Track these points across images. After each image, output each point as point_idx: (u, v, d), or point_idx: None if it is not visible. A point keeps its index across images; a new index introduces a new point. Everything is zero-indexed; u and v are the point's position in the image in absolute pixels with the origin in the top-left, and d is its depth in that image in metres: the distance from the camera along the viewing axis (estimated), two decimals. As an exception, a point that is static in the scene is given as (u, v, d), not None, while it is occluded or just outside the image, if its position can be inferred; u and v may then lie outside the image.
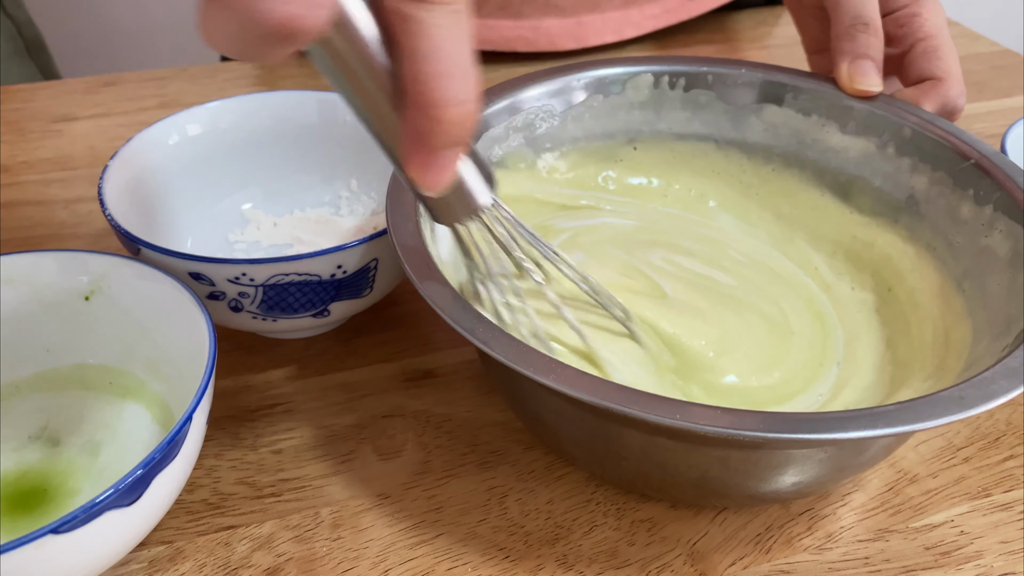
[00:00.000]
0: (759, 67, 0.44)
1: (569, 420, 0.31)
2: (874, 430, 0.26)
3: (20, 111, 0.61)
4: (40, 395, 0.37)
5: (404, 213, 0.34)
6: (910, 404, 0.27)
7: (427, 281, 0.31)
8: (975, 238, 0.37)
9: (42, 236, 0.50)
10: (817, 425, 0.26)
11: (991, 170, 0.37)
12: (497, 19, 0.66)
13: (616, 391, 0.27)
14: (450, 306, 0.30)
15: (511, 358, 0.28)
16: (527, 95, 0.42)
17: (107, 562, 0.29)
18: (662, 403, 0.26)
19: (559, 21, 0.67)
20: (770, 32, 0.75)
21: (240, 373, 0.41)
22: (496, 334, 0.29)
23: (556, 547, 0.34)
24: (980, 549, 0.34)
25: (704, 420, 0.26)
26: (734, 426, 0.26)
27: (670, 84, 0.44)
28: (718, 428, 0.26)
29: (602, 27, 0.68)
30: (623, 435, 0.30)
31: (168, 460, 0.28)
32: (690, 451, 0.30)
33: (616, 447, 0.31)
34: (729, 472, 0.30)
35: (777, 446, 0.29)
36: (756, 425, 0.26)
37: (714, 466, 0.30)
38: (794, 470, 0.30)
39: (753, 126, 0.44)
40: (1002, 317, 0.33)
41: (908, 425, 0.26)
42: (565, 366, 0.28)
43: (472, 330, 0.29)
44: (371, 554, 0.33)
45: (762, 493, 0.32)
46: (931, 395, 0.27)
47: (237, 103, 0.46)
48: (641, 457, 0.31)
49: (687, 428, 0.26)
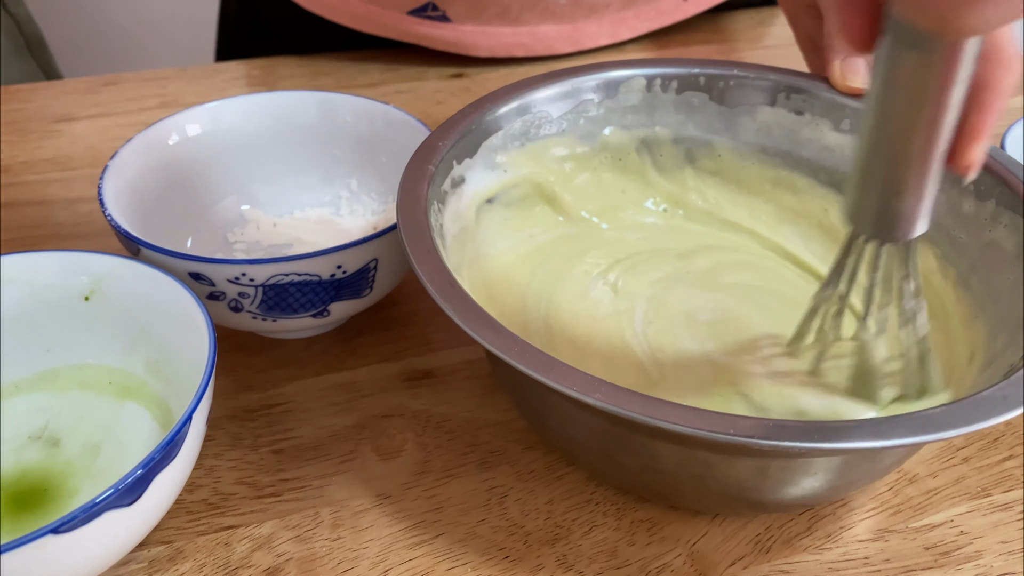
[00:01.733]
0: (751, 68, 0.44)
1: (588, 429, 0.31)
2: (925, 435, 0.25)
3: (20, 111, 0.61)
4: (40, 395, 0.37)
5: (415, 217, 0.34)
6: (957, 406, 0.27)
7: (445, 290, 0.30)
8: (979, 233, 0.37)
9: (42, 236, 0.50)
10: (864, 432, 0.26)
11: (990, 165, 0.37)
12: (496, 26, 0.66)
13: (663, 407, 0.26)
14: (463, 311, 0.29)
15: (547, 375, 0.27)
16: (527, 101, 0.42)
17: (107, 562, 0.29)
18: (707, 416, 0.26)
19: (556, 27, 0.67)
20: (768, 32, 0.75)
21: (240, 373, 0.41)
22: (527, 350, 0.28)
23: (556, 547, 0.34)
24: (980, 549, 0.34)
25: (755, 434, 0.25)
26: (780, 437, 0.25)
27: (662, 87, 0.44)
28: (768, 441, 0.25)
29: (597, 31, 0.68)
30: (658, 449, 0.30)
31: (168, 460, 0.28)
32: (730, 463, 0.29)
33: (646, 460, 0.31)
34: (768, 481, 0.30)
35: (826, 455, 0.28)
36: (799, 435, 0.25)
37: (753, 476, 0.30)
38: (821, 478, 0.30)
39: (747, 127, 0.44)
40: (1016, 312, 0.33)
41: (961, 428, 0.26)
42: (606, 383, 0.27)
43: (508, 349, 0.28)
44: (371, 554, 0.33)
45: (787, 501, 0.32)
46: (974, 396, 0.27)
47: (237, 103, 0.46)
48: (677, 470, 0.31)
49: (737, 442, 0.25)
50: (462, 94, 0.64)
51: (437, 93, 0.64)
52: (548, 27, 0.67)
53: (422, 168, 0.36)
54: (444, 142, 0.38)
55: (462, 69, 0.67)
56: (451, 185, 0.38)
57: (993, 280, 0.35)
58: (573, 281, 0.41)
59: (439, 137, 0.38)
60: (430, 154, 0.37)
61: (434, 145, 0.38)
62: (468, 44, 0.66)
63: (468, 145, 0.39)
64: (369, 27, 0.65)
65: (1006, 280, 0.35)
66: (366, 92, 0.62)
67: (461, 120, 0.39)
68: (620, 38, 0.69)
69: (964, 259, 0.37)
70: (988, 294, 0.35)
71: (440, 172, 0.37)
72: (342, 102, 0.47)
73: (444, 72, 0.66)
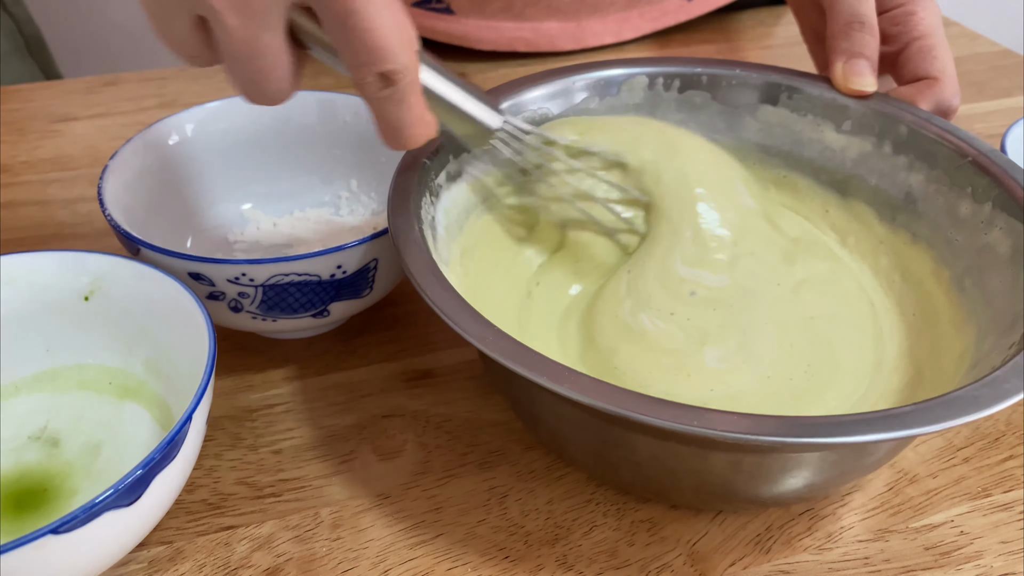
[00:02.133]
0: (753, 67, 0.44)
1: (574, 425, 0.31)
2: (896, 431, 0.26)
3: (20, 111, 0.61)
4: (40, 395, 0.37)
5: (406, 217, 0.34)
6: (926, 405, 0.27)
7: (433, 286, 0.31)
8: (975, 236, 0.37)
9: (42, 236, 0.50)
10: (837, 428, 0.26)
11: (989, 168, 0.37)
12: (499, 20, 0.66)
13: (631, 398, 0.26)
14: (455, 311, 0.30)
15: (525, 365, 0.27)
16: (526, 97, 0.42)
17: (107, 562, 0.29)
18: (677, 409, 0.26)
19: (560, 24, 0.67)
20: (770, 32, 0.75)
21: (240, 373, 0.41)
22: (502, 339, 0.28)
23: (556, 547, 0.34)
24: (980, 549, 0.34)
25: (722, 426, 0.26)
26: (752, 431, 0.26)
27: (665, 86, 0.44)
28: (737, 434, 0.26)
29: (602, 29, 0.69)
30: (633, 440, 0.30)
31: (168, 460, 0.28)
32: (704, 456, 0.30)
33: (625, 452, 0.31)
34: (741, 476, 0.30)
35: (796, 450, 0.29)
36: (774, 430, 0.26)
37: (726, 470, 0.30)
38: (801, 474, 0.30)
39: (748, 126, 0.44)
40: (1006, 315, 0.33)
41: (929, 426, 0.26)
42: (578, 373, 0.27)
43: (484, 338, 0.28)
44: (371, 554, 0.33)
45: (765, 497, 0.32)
46: (947, 395, 0.27)
47: (237, 103, 0.46)
48: (651, 462, 0.31)
49: (705, 435, 0.26)
50: (462, 94, 0.64)
51: (437, 93, 0.64)
52: (552, 24, 0.67)
53: (416, 160, 0.36)
54: (442, 142, 0.38)
55: (462, 68, 0.67)
56: (447, 179, 0.38)
57: (986, 283, 0.35)
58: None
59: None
60: (425, 148, 0.37)
61: (432, 146, 0.38)
62: (471, 37, 0.66)
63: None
64: None
65: (999, 283, 0.35)
66: (366, 92, 0.62)
67: None
68: (624, 37, 0.70)
69: (959, 261, 0.37)
70: (981, 297, 0.35)
71: (435, 166, 0.37)
72: (342, 102, 0.47)
73: (444, 72, 0.66)
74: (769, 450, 0.29)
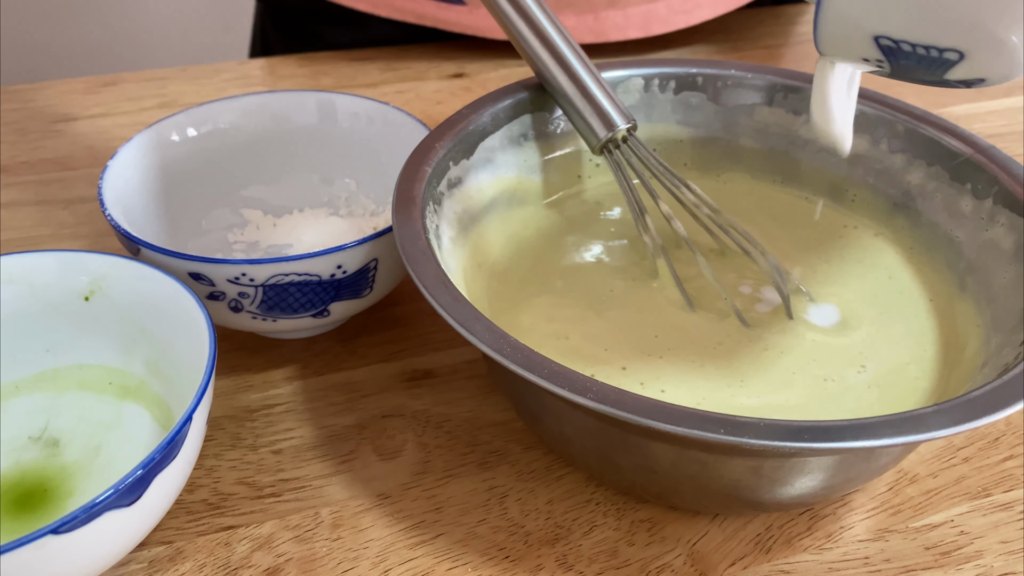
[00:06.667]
0: (749, 68, 0.44)
1: (587, 431, 0.31)
2: (916, 435, 0.26)
3: (20, 111, 0.61)
4: (40, 395, 0.37)
5: (410, 219, 0.34)
6: (947, 405, 0.27)
7: (438, 289, 0.30)
8: (977, 232, 0.37)
9: (42, 236, 0.50)
10: (859, 432, 0.26)
11: (987, 164, 0.37)
12: None
13: (655, 408, 0.26)
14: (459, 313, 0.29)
15: (544, 377, 0.27)
16: (525, 99, 0.42)
17: (107, 562, 0.29)
18: (703, 419, 0.26)
19: (576, 17, 0.65)
20: (770, 32, 0.75)
21: (240, 373, 0.41)
22: (512, 345, 0.28)
23: (556, 547, 0.34)
24: (980, 549, 0.34)
25: (752, 435, 0.25)
26: (784, 438, 0.25)
27: (660, 87, 0.44)
28: (770, 442, 0.25)
29: (624, 23, 0.65)
30: (650, 448, 0.30)
31: (168, 460, 0.28)
32: (725, 462, 0.29)
33: (640, 459, 0.30)
34: (762, 481, 0.30)
35: (817, 454, 0.28)
36: (797, 436, 0.25)
37: (746, 475, 0.30)
38: (820, 477, 0.30)
39: (744, 127, 0.44)
40: (1013, 311, 0.33)
41: (951, 428, 0.26)
42: (599, 383, 0.27)
43: (500, 348, 0.28)
44: (371, 554, 0.33)
45: (784, 500, 0.32)
46: (966, 395, 0.27)
47: (237, 103, 0.46)
48: (672, 470, 0.31)
49: (734, 443, 0.25)
50: (462, 94, 0.64)
51: (437, 93, 0.64)
52: (566, 18, 0.64)
53: (418, 169, 0.36)
54: (441, 143, 0.38)
55: (462, 69, 0.67)
56: (447, 186, 0.38)
57: (990, 280, 0.35)
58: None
59: (436, 138, 0.38)
60: (426, 155, 0.37)
61: (431, 146, 0.38)
62: (483, 28, 0.65)
63: (466, 146, 0.39)
64: (385, 10, 0.65)
65: (1003, 279, 0.35)
66: (366, 92, 0.62)
67: (459, 121, 0.39)
68: (652, 32, 0.65)
69: (961, 259, 0.37)
70: (985, 294, 0.35)
71: (436, 173, 0.37)
72: (342, 102, 0.47)
73: (444, 72, 0.66)
74: (796, 455, 0.28)
